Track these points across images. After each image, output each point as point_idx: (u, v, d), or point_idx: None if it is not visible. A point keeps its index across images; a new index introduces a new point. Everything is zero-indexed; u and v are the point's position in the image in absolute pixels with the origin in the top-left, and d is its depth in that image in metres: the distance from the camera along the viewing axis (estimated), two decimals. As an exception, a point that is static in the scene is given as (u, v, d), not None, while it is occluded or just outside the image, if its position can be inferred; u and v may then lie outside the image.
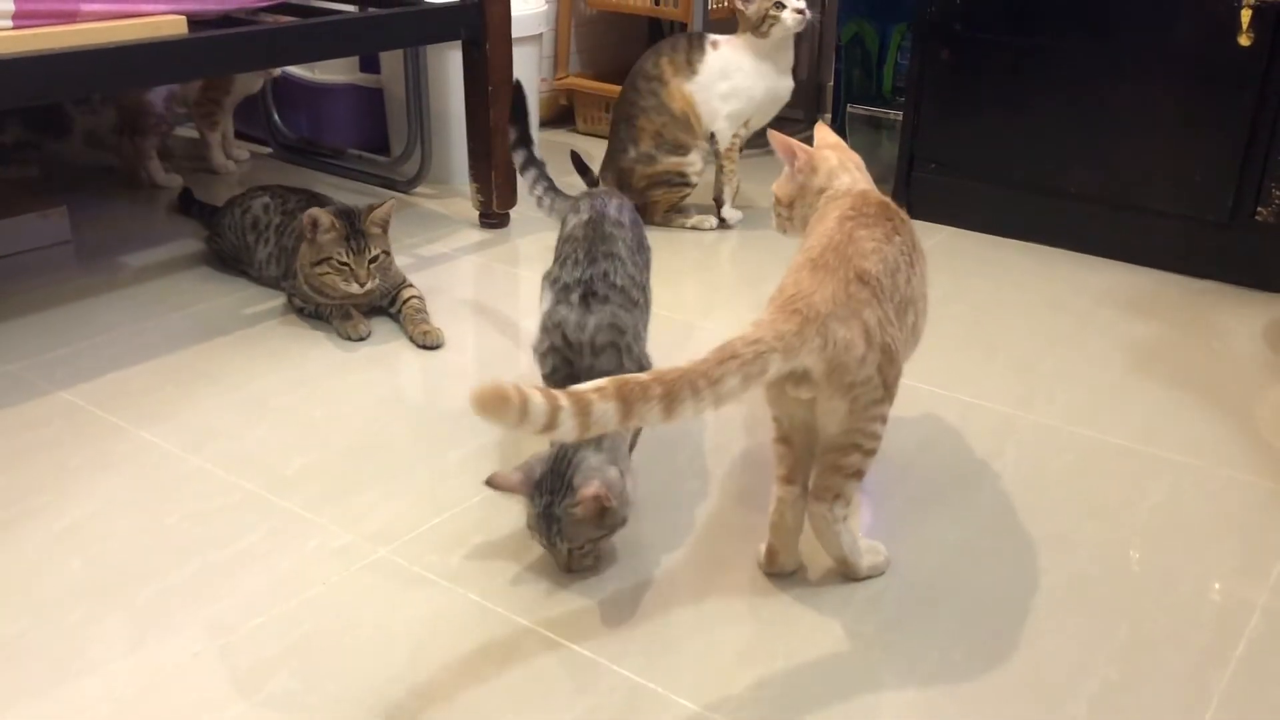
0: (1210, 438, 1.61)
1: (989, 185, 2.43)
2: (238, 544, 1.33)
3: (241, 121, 3.00)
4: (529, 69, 2.71)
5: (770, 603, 1.25)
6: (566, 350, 1.33)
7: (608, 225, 1.42)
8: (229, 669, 1.13)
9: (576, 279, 1.36)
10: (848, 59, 3.03)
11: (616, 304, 1.35)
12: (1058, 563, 1.33)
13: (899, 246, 1.26)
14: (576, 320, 1.33)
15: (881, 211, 1.29)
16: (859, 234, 1.22)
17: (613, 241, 1.40)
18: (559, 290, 1.37)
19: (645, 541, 1.35)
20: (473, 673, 1.13)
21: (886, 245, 1.23)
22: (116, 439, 1.55)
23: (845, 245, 1.20)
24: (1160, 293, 2.14)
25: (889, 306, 1.19)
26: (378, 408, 1.66)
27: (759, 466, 1.52)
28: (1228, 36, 2.03)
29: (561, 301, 1.35)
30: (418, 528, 1.37)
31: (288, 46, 1.95)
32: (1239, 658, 1.18)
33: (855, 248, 1.20)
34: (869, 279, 1.17)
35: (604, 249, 1.39)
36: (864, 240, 1.21)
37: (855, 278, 1.17)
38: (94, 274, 2.10)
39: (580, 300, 1.34)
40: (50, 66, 1.62)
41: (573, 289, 1.35)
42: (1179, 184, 2.19)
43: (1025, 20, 2.27)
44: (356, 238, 1.83)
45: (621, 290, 1.36)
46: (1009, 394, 1.73)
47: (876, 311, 1.17)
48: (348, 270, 1.83)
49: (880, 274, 1.19)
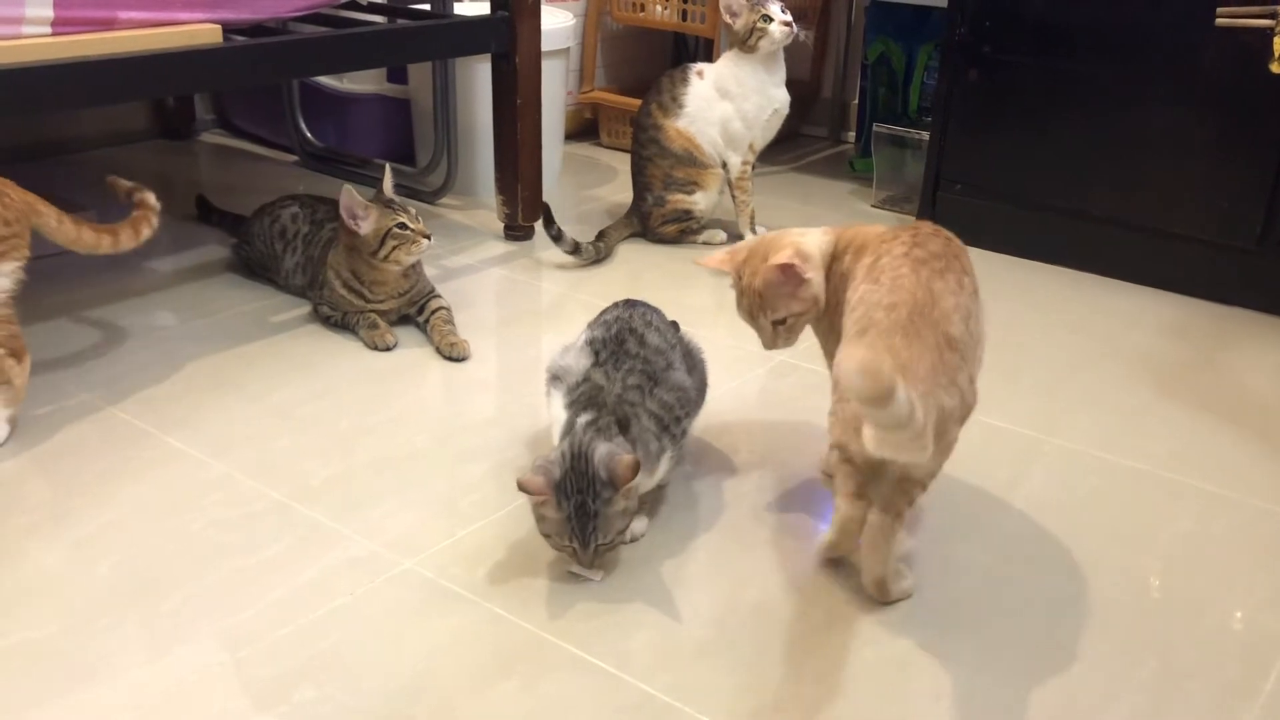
0: (1238, 466, 1.60)
1: (1014, 207, 2.42)
2: (262, 553, 1.33)
3: (269, 130, 3.03)
4: (556, 83, 2.72)
5: (797, 623, 1.24)
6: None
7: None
8: (251, 679, 1.13)
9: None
10: (874, 78, 3.03)
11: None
12: (1084, 589, 1.32)
13: (969, 290, 1.27)
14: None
15: (945, 249, 1.29)
16: (937, 288, 1.22)
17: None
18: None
19: (663, 554, 1.35)
20: (496, 687, 1.13)
21: (961, 295, 1.24)
22: (144, 445, 1.55)
23: (930, 308, 1.20)
24: (1187, 319, 2.13)
25: (971, 359, 1.22)
26: (403, 418, 1.66)
27: (773, 482, 1.52)
28: (1258, 63, 2.02)
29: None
30: (442, 541, 1.37)
31: (320, 57, 1.96)
32: (1269, 691, 1.17)
33: (939, 310, 1.21)
34: (956, 344, 1.20)
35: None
36: (944, 297, 1.22)
37: (946, 344, 1.19)
38: (121, 279, 2.11)
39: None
40: (88, 72, 1.63)
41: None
42: (1207, 209, 2.18)
43: (1054, 43, 2.27)
44: (392, 205, 1.87)
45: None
46: (1034, 418, 1.72)
47: (966, 372, 1.20)
48: (410, 233, 1.85)
49: (963, 334, 1.21)
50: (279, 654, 1.17)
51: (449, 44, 2.22)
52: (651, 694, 1.13)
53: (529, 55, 2.25)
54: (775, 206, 2.71)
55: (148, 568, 1.30)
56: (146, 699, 1.10)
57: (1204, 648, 1.23)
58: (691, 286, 2.21)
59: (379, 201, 1.86)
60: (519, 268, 2.28)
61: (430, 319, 1.92)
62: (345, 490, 1.47)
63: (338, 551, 1.34)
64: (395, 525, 1.40)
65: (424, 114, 2.70)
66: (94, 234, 1.64)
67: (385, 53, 2.12)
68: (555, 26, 2.66)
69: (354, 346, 1.89)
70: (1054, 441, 1.66)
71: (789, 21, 2.30)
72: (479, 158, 2.63)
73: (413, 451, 1.57)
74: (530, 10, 2.22)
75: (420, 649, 1.18)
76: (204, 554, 1.32)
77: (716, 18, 2.92)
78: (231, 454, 1.54)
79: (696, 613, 1.26)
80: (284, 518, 1.40)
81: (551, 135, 2.73)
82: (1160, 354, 1.97)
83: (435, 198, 2.63)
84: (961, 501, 1.50)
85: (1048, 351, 1.97)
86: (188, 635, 1.19)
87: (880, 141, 2.76)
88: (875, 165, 2.80)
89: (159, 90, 2.07)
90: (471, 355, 1.87)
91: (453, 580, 1.30)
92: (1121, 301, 2.20)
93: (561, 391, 1.36)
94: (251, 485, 1.47)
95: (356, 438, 1.60)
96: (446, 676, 1.14)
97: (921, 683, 1.16)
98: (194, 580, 1.28)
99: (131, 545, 1.34)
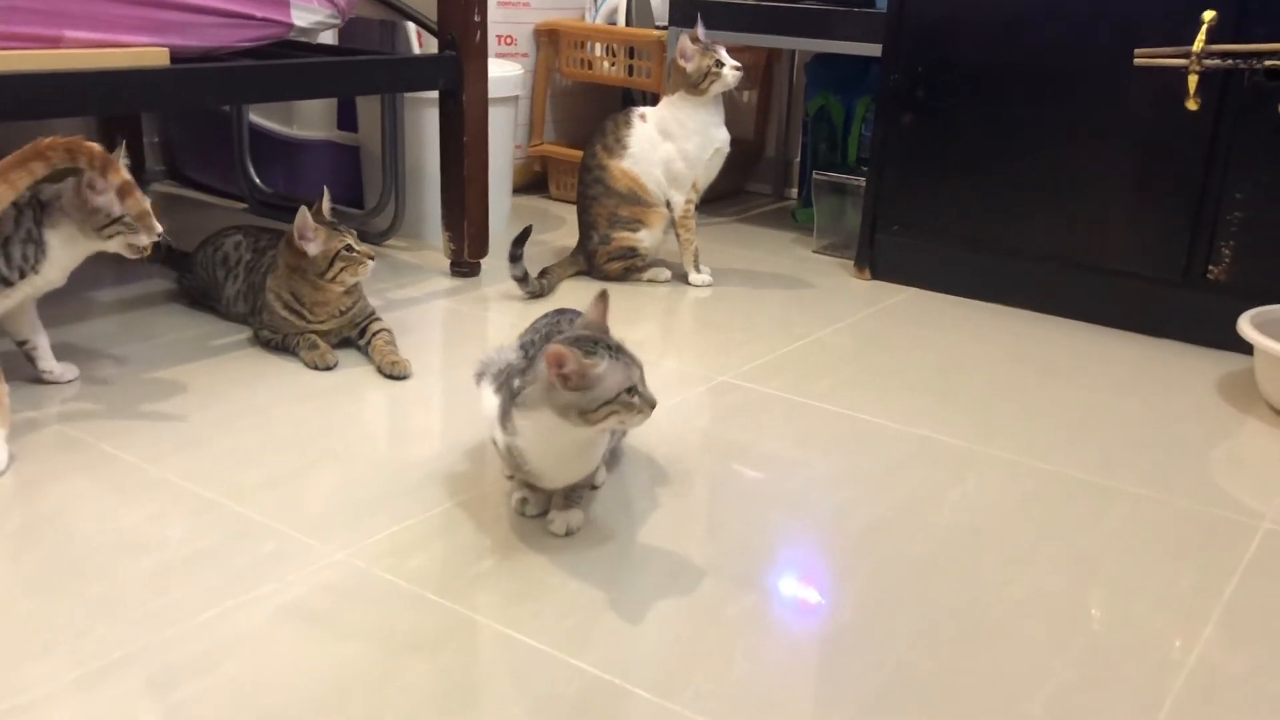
0: (1166, 474, 1.64)
1: (951, 247, 2.49)
2: (193, 545, 1.31)
3: (219, 179, 3.04)
4: (504, 129, 2.78)
5: (740, 597, 1.24)
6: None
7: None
8: (176, 658, 1.11)
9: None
10: (814, 132, 3.12)
11: None
12: (1016, 576, 1.34)
13: None
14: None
15: None
16: None
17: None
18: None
19: (599, 543, 1.35)
20: (426, 664, 1.12)
21: None
22: (76, 450, 1.54)
23: None
24: (1118, 349, 2.19)
25: None
26: (342, 429, 1.65)
27: (704, 485, 1.53)
28: (1177, 101, 2.11)
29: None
30: (377, 534, 1.36)
31: (267, 83, 1.99)
32: (1192, 665, 1.18)
33: None
34: None
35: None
36: None
37: None
38: (60, 307, 2.10)
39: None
40: (32, 86, 1.65)
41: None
42: (1134, 244, 2.25)
43: (985, 87, 2.36)
44: (336, 226, 1.89)
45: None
46: (968, 431, 1.75)
47: None
48: (356, 254, 1.87)
49: None
50: (204, 635, 1.15)
51: (396, 78, 2.27)
52: (582, 668, 1.12)
53: (476, 94, 2.30)
54: (720, 252, 2.77)
55: (75, 559, 1.27)
56: (70, 676, 1.07)
57: (1132, 627, 1.24)
58: (637, 320, 2.24)
59: (320, 223, 1.87)
60: (465, 300, 2.30)
61: (371, 340, 1.93)
62: (281, 491, 1.46)
63: (270, 544, 1.33)
64: (330, 521, 1.39)
65: (373, 158, 2.74)
66: None
67: (332, 83, 2.16)
68: (503, 75, 2.72)
69: (294, 367, 1.88)
70: (988, 451, 1.69)
71: (738, 66, 2.38)
72: (426, 200, 2.66)
73: (350, 458, 1.57)
74: (477, 50, 2.28)
75: (350, 630, 1.17)
76: (132, 545, 1.30)
77: (662, 72, 3.01)
78: (166, 460, 1.53)
79: (630, 596, 1.25)
80: (217, 515, 1.39)
81: (499, 181, 2.77)
82: (1091, 379, 2.01)
83: (382, 239, 2.65)
84: (895, 499, 1.51)
85: (982, 376, 2.01)
86: (112, 617, 1.16)
87: (820, 189, 2.83)
88: (816, 214, 2.87)
89: (102, 107, 2.08)
90: (413, 374, 1.87)
91: (386, 570, 1.28)
92: (1054, 333, 2.26)
93: (488, 379, 1.40)
94: (185, 486, 1.45)
95: (294, 445, 1.59)
96: (376, 657, 1.13)
97: (856, 658, 1.16)
98: (120, 569, 1.26)
99: (59, 537, 1.31)
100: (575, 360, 1.22)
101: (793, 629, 1.21)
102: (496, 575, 1.29)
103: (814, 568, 1.34)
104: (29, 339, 1.75)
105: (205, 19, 1.91)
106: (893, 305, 2.42)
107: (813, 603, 1.27)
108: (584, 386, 1.23)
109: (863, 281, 2.59)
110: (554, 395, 1.25)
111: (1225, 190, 2.13)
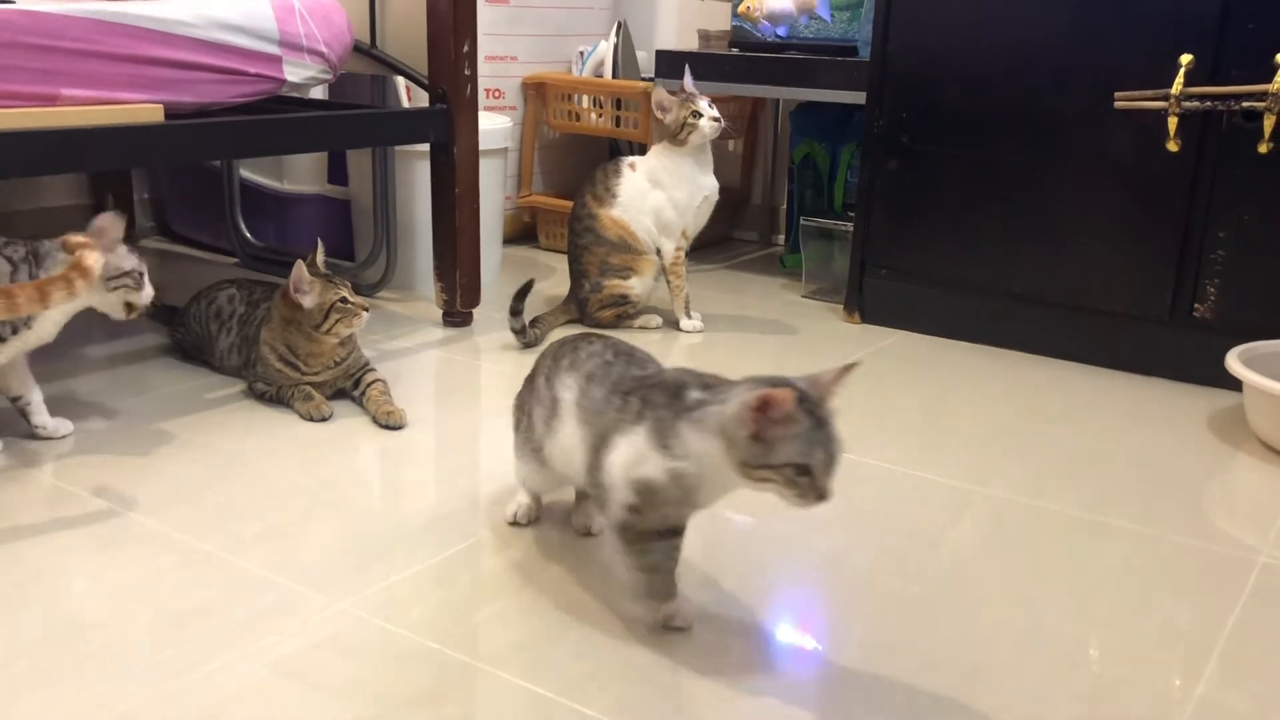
0: (1161, 510, 1.65)
1: (938, 289, 2.51)
2: (191, 598, 1.31)
3: (209, 234, 3.06)
4: (494, 181, 2.80)
5: (741, 641, 1.24)
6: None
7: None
8: (180, 710, 1.10)
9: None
10: (800, 179, 3.15)
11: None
12: (1015, 615, 1.34)
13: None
14: None
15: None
16: None
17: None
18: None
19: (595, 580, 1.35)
20: (432, 713, 1.11)
21: None
22: (69, 504, 1.53)
23: None
24: (1108, 388, 2.20)
25: None
26: (339, 480, 1.65)
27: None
28: (1158, 143, 2.15)
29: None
30: (376, 584, 1.36)
31: (261, 138, 2.01)
32: (1199, 696, 1.18)
33: None
34: None
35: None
36: None
37: None
38: (52, 362, 2.10)
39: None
40: (28, 143, 1.66)
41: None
42: (1120, 284, 2.28)
43: (969, 131, 2.40)
44: (330, 279, 1.89)
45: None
46: (962, 471, 1.76)
47: None
48: (351, 306, 1.88)
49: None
50: (206, 689, 1.14)
51: (388, 132, 2.29)
52: (588, 714, 1.12)
53: (467, 146, 2.32)
54: (712, 299, 2.78)
55: (73, 611, 1.26)
56: (66, 734, 1.07)
57: (1135, 662, 1.24)
58: (628, 365, 2.25)
59: (315, 275, 1.88)
60: (458, 350, 2.30)
61: (366, 391, 1.93)
62: (279, 542, 1.45)
63: (269, 597, 1.32)
64: (328, 572, 1.38)
65: (364, 212, 2.76)
66: None
67: (326, 137, 2.18)
68: (493, 127, 2.75)
69: (289, 419, 1.88)
70: (983, 491, 1.69)
71: (717, 116, 2.41)
72: (418, 252, 2.68)
73: (348, 508, 1.56)
74: (468, 104, 2.30)
75: (352, 683, 1.16)
76: (130, 599, 1.30)
77: (649, 123, 3.04)
78: (162, 513, 1.52)
79: (633, 640, 1.25)
80: (215, 568, 1.38)
81: (490, 231, 2.79)
82: (1083, 418, 2.03)
83: (374, 291, 2.66)
84: (893, 541, 1.52)
85: (973, 417, 2.02)
86: (112, 673, 1.16)
87: (808, 235, 2.86)
88: (804, 259, 2.90)
89: (98, 163, 2.10)
90: (408, 424, 1.87)
91: (387, 620, 1.28)
92: (1043, 374, 2.28)
93: (571, 414, 1.30)
94: (182, 539, 1.45)
95: (291, 496, 1.59)
96: (379, 711, 1.12)
97: (861, 699, 1.16)
98: (119, 623, 1.25)
99: (57, 591, 1.30)
100: (789, 411, 1.07)
101: (795, 671, 1.21)
102: (497, 623, 1.28)
103: (813, 610, 1.34)
104: (22, 394, 1.75)
105: (199, 75, 1.93)
106: (883, 348, 2.43)
107: (813, 645, 1.27)
108: (766, 439, 1.09)
109: (852, 325, 2.61)
110: (735, 429, 1.10)
111: (1208, 229, 2.16)
